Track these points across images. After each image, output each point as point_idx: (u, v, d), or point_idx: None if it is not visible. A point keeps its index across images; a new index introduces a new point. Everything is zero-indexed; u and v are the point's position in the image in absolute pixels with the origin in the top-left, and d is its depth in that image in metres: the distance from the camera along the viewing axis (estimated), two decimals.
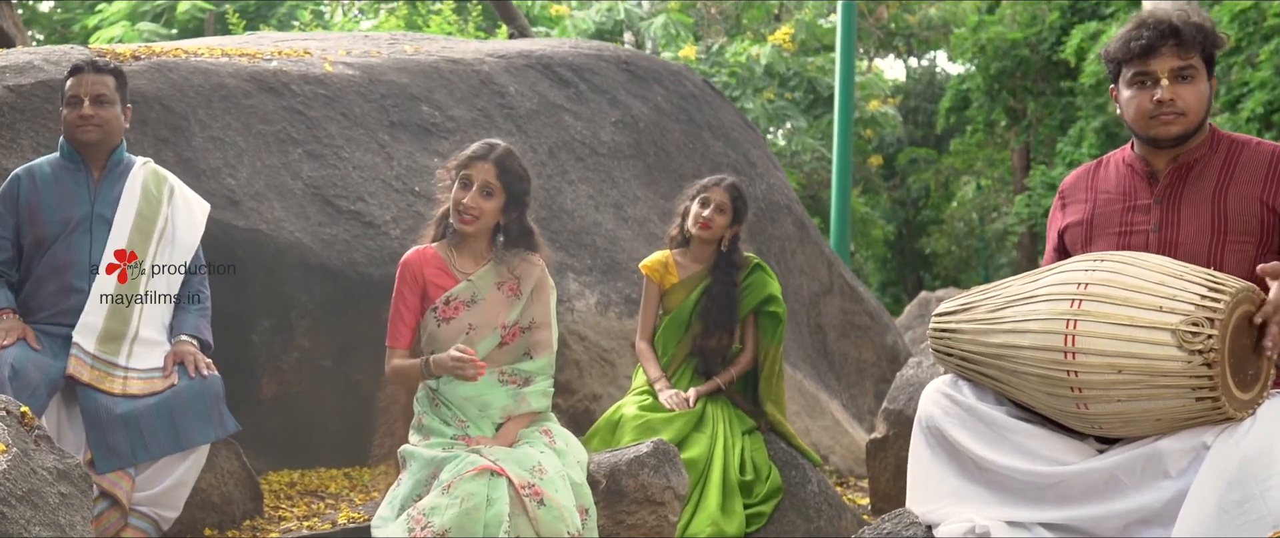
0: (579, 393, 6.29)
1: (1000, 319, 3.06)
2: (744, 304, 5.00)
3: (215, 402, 4.20)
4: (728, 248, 5.00)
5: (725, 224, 4.96)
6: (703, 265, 5.03)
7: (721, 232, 4.97)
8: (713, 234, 4.96)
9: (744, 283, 5.00)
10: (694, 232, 4.98)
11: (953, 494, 3.13)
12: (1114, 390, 2.85)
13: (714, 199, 4.96)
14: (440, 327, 4.09)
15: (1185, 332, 2.76)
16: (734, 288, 4.97)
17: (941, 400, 3.20)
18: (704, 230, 4.95)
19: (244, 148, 5.79)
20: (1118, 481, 2.91)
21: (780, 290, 5.06)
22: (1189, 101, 3.15)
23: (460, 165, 4.09)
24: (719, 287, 4.97)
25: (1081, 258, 3.09)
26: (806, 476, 4.90)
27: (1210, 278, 2.84)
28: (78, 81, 4.37)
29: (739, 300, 4.98)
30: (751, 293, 5.00)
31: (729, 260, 5.00)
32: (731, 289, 4.97)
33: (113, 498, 3.99)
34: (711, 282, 4.99)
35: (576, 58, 7.69)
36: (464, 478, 3.68)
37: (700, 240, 5.01)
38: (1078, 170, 3.47)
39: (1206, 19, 3.17)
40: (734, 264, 5.00)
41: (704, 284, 5.00)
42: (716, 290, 4.97)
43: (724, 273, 4.98)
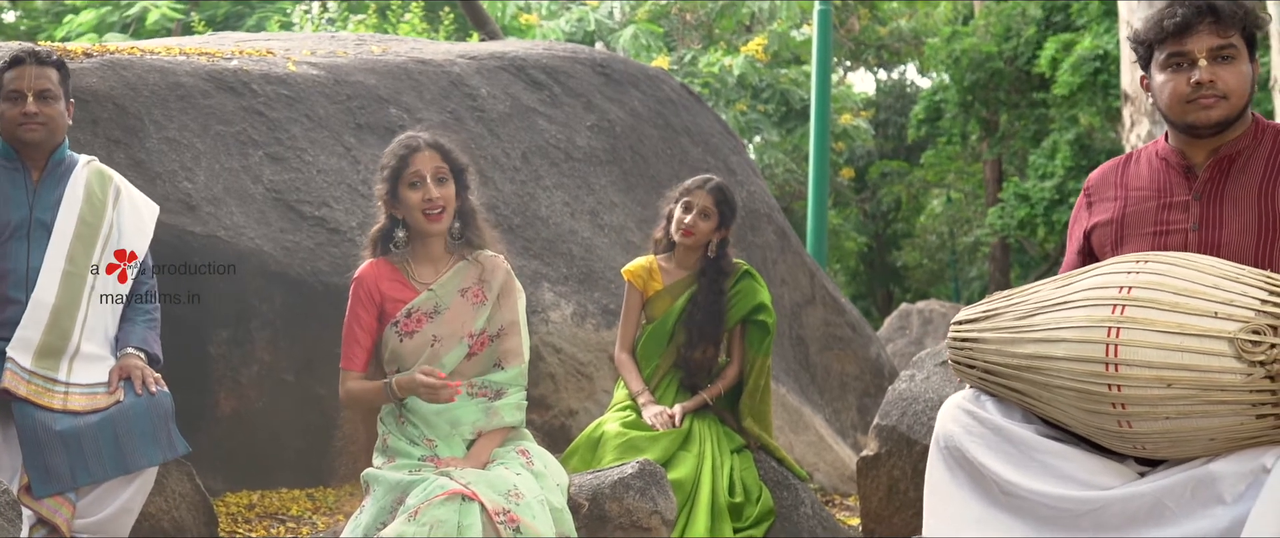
0: (555, 408, 6.05)
1: (1029, 327, 2.81)
2: (732, 313, 4.73)
3: (164, 421, 3.88)
4: (715, 254, 4.73)
5: (710, 230, 4.70)
6: (688, 272, 4.77)
7: (706, 238, 4.71)
8: (696, 241, 4.71)
9: (732, 291, 4.74)
10: (677, 238, 4.72)
11: (976, 522, 2.87)
12: (1162, 407, 2.60)
13: (697, 203, 4.70)
14: (403, 342, 3.84)
15: (1244, 341, 2.52)
16: (721, 296, 4.71)
17: (962, 418, 2.93)
18: (687, 237, 4.70)
19: (202, 150, 5.54)
20: (1164, 507, 2.65)
21: (771, 300, 4.80)
22: (1230, 83, 2.91)
23: (397, 167, 3.89)
24: (705, 294, 4.71)
25: (1121, 259, 2.83)
26: (799, 497, 4.65)
27: (1270, 280, 2.60)
28: (19, 74, 4.04)
29: (727, 309, 4.72)
30: (740, 301, 4.74)
31: (716, 267, 4.73)
32: (719, 297, 4.71)
33: (51, 526, 3.67)
34: (697, 289, 4.73)
35: (551, 60, 7.49)
36: (433, 503, 3.40)
37: (684, 247, 4.74)
38: (1105, 166, 3.23)
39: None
40: (722, 271, 4.73)
41: (690, 292, 4.74)
42: (703, 298, 4.71)
43: (711, 280, 4.72)
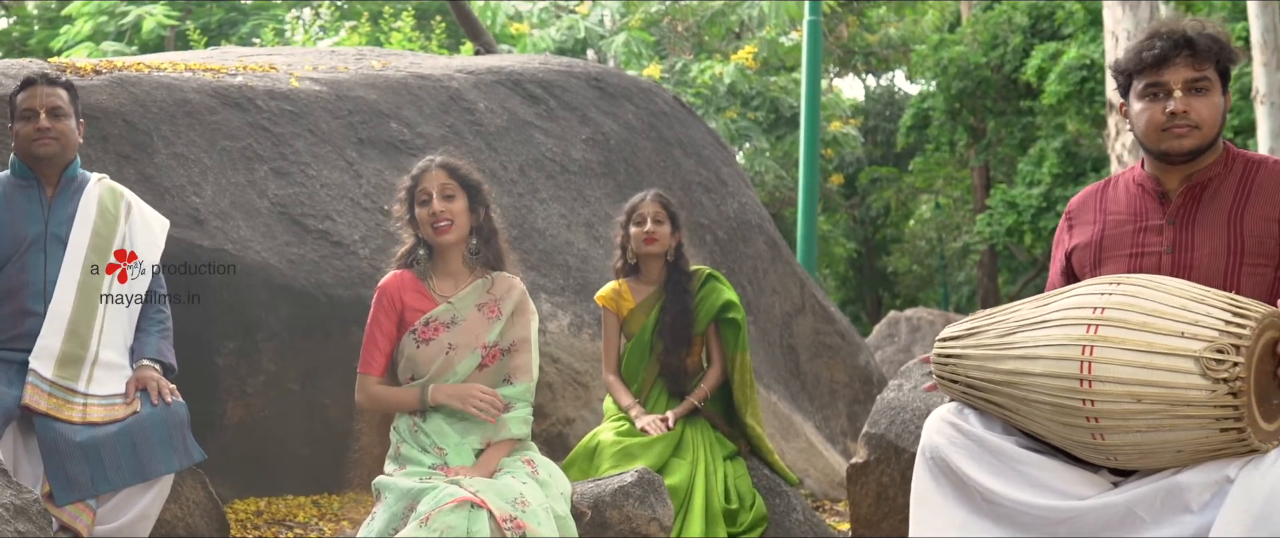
0: (552, 417, 6.17)
1: (1010, 345, 2.95)
2: (701, 315, 4.91)
3: (180, 429, 4.01)
4: (674, 258, 4.94)
5: (667, 234, 4.92)
6: (655, 285, 4.97)
7: (667, 243, 4.92)
8: (660, 246, 4.91)
9: (699, 293, 4.93)
10: (642, 250, 4.91)
11: (959, 528, 2.99)
12: (1133, 420, 2.73)
13: (648, 213, 4.91)
14: (419, 348, 4.02)
15: (1209, 359, 2.65)
16: (688, 297, 4.91)
17: (947, 430, 3.07)
18: (651, 244, 4.89)
19: (208, 165, 5.65)
20: (1135, 516, 2.78)
21: (737, 297, 4.98)
22: (1203, 114, 3.05)
23: (410, 189, 4.12)
24: (673, 300, 4.90)
25: (1097, 281, 2.97)
26: (791, 504, 4.78)
27: (1234, 303, 2.73)
28: (31, 94, 4.19)
29: (695, 311, 4.90)
30: (707, 302, 4.92)
31: (677, 269, 4.94)
32: (686, 299, 4.90)
33: (73, 533, 3.79)
34: (666, 297, 4.92)
35: (546, 74, 7.61)
36: (443, 510, 3.54)
37: (648, 258, 4.94)
38: (1086, 190, 3.37)
39: (1222, 31, 3.06)
40: (682, 272, 4.94)
41: (660, 303, 4.92)
42: (671, 304, 4.90)
43: (676, 284, 4.92)
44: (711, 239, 7.44)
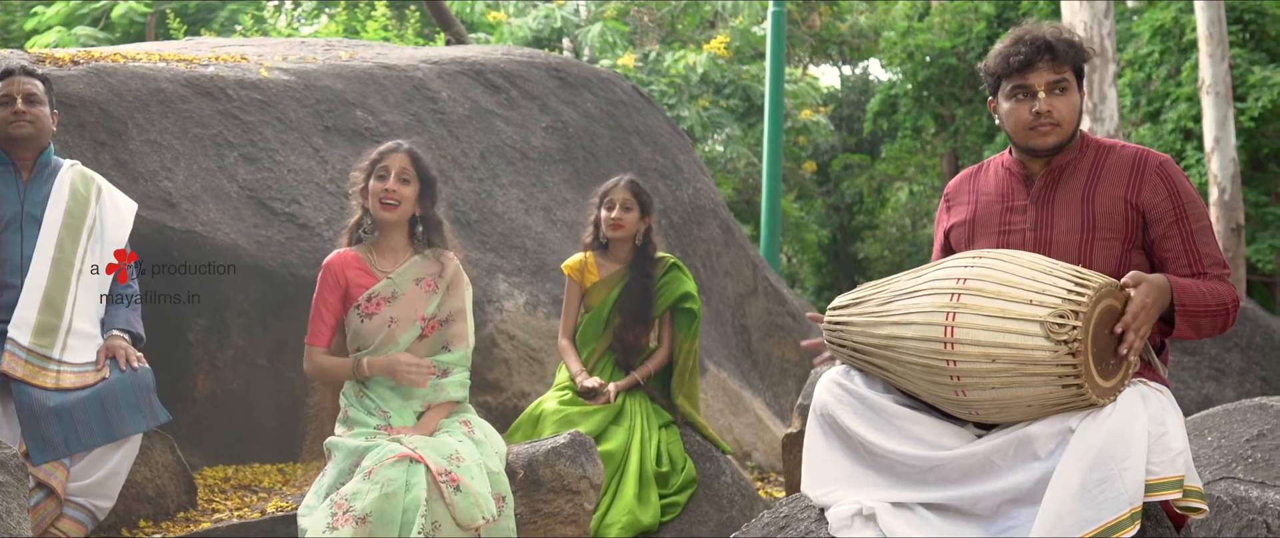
0: (507, 391, 6.45)
1: (887, 312, 3.27)
2: (660, 301, 5.21)
3: (146, 393, 4.34)
4: (643, 242, 5.23)
5: (635, 220, 5.20)
6: (621, 264, 5.25)
7: (634, 228, 5.21)
8: (626, 232, 5.20)
9: (660, 281, 5.22)
10: (610, 234, 5.19)
11: (844, 478, 3.30)
12: (989, 378, 3.05)
13: (618, 199, 5.20)
14: (363, 322, 4.31)
15: (1052, 323, 2.97)
16: (651, 282, 5.20)
17: (835, 389, 3.39)
18: (617, 230, 5.18)
19: (181, 151, 5.91)
20: (992, 463, 3.11)
21: (696, 289, 5.28)
22: (1063, 113, 3.37)
23: (374, 160, 4.40)
24: (637, 282, 5.20)
25: (961, 255, 3.30)
26: (721, 467, 5.10)
27: (1077, 274, 3.06)
28: (8, 83, 4.52)
29: (655, 296, 5.20)
30: (668, 290, 5.22)
31: (645, 254, 5.23)
32: (648, 283, 5.19)
33: (48, 488, 4.12)
34: (630, 279, 5.21)
35: (508, 64, 7.86)
36: (384, 465, 3.87)
37: (616, 241, 5.22)
38: (961, 174, 3.69)
39: (1077, 35, 3.40)
40: (649, 257, 5.23)
41: (623, 282, 5.21)
42: (635, 286, 5.19)
43: (641, 268, 5.21)
44: (666, 223, 7.68)
